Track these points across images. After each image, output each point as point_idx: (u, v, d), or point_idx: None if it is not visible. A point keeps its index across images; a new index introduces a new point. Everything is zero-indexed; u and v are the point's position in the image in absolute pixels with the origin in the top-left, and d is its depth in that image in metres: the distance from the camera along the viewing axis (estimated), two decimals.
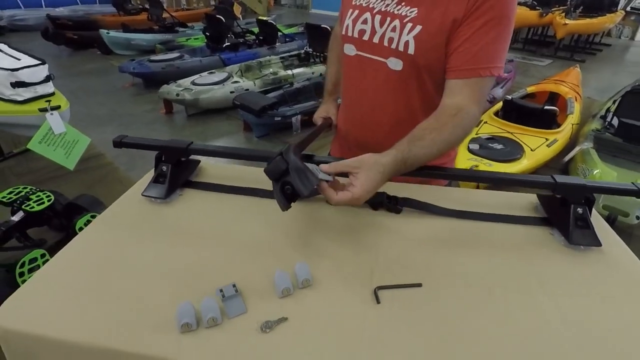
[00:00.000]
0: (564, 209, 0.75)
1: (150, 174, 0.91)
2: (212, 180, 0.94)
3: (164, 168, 0.88)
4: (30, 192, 1.96)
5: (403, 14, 0.83)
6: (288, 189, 0.64)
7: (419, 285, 0.65)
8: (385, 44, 0.86)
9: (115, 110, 4.14)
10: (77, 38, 6.29)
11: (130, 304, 0.61)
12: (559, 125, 2.96)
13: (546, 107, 2.89)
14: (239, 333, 0.57)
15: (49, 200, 1.93)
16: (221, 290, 0.62)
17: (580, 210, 0.74)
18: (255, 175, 0.95)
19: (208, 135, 3.63)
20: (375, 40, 0.88)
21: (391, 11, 0.85)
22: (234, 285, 0.63)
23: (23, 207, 1.87)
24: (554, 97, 3.56)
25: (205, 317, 0.57)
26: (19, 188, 1.98)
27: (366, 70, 0.93)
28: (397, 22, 0.83)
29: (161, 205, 0.85)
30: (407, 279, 0.66)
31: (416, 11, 0.81)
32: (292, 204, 0.65)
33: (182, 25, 6.81)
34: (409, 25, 0.81)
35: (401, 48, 0.84)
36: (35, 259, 1.62)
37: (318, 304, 0.62)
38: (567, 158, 2.65)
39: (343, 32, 0.95)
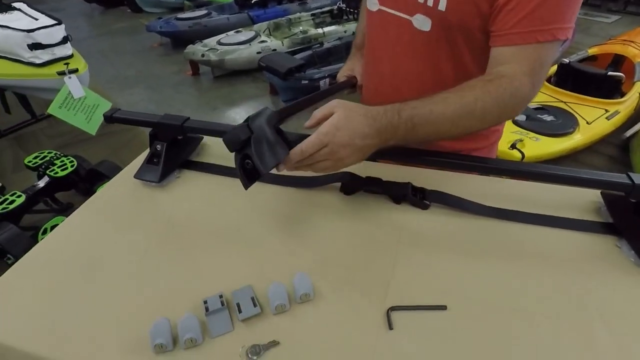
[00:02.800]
0: (639, 217, 0.59)
1: (147, 151, 0.82)
2: (216, 160, 0.83)
3: (159, 147, 0.78)
4: (55, 157, 1.96)
5: None
6: (248, 164, 0.54)
7: (444, 307, 0.53)
8: None
9: (142, 71, 4.10)
10: None
11: (104, 314, 0.54)
12: (622, 95, 2.58)
13: (611, 73, 2.50)
14: (220, 358, 0.48)
15: (72, 166, 1.92)
16: (205, 302, 0.53)
17: None
18: None
19: (234, 98, 3.52)
20: None
21: None
22: (220, 296, 0.54)
23: (47, 172, 1.89)
24: (618, 61, 3.11)
25: (183, 337, 0.49)
26: (44, 152, 1.99)
27: (388, 29, 0.76)
28: None
29: (155, 190, 0.77)
30: (429, 299, 0.54)
31: None
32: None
33: None
34: None
35: (430, 2, 0.67)
36: (57, 226, 1.64)
37: (317, 325, 0.52)
38: (628, 133, 2.32)
39: None
